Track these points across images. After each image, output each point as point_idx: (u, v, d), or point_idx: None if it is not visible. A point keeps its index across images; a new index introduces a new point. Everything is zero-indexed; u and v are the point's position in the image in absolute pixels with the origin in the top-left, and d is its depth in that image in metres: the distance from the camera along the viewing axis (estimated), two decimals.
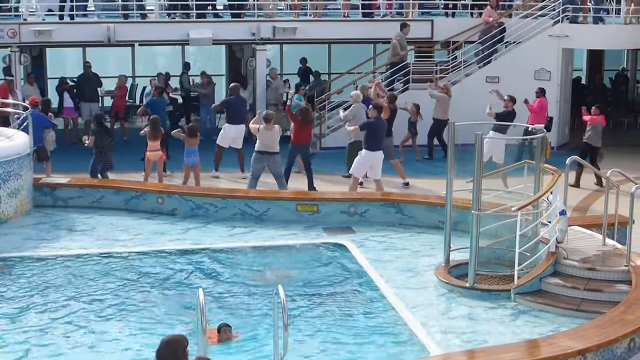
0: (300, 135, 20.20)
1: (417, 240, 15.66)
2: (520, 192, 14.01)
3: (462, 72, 26.07)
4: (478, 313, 12.42)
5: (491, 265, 13.66)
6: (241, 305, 12.78)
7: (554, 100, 24.94)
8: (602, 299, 12.54)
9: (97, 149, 19.45)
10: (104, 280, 13.69)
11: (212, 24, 25.73)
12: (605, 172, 14.45)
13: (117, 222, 16.64)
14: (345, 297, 13.15)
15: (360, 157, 19.26)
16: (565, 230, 13.67)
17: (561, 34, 25.19)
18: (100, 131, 19.70)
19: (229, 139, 21.89)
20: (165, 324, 12.06)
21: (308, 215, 16.74)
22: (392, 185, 20.50)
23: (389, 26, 26.55)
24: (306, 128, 20.26)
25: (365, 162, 19.22)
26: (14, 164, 16.68)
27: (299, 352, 11.06)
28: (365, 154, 19.20)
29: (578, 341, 10.28)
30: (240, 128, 21.90)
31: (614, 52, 31.58)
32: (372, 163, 19.20)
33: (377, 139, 19.20)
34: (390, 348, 11.47)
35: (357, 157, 19.34)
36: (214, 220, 16.74)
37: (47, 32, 24.23)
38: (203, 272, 14.23)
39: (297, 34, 25.70)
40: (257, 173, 19.34)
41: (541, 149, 13.41)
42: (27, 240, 15.54)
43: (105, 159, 19.53)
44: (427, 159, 23.85)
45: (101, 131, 19.73)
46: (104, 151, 19.49)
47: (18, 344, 11.46)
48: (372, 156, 19.14)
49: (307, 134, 20.36)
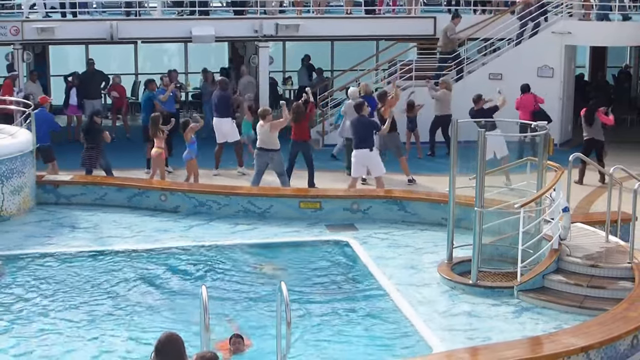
0: (297, 132, 20.17)
1: (420, 237, 15.65)
2: (523, 189, 14.00)
3: (465, 69, 26.05)
4: (481, 310, 12.41)
5: (494, 262, 13.65)
6: (243, 302, 12.79)
7: (556, 97, 24.94)
8: (605, 296, 12.53)
9: (92, 144, 19.36)
10: (106, 278, 13.69)
11: (214, 21, 25.73)
12: (608, 169, 14.42)
13: (120, 219, 16.65)
14: (347, 295, 13.15)
15: (352, 157, 19.38)
16: (568, 227, 13.66)
17: (564, 30, 25.15)
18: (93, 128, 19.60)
19: (221, 134, 21.99)
20: (168, 321, 12.08)
21: (311, 212, 16.74)
22: (396, 183, 20.47)
23: (392, 23, 26.55)
24: (301, 124, 20.14)
25: (355, 162, 19.28)
26: (17, 161, 16.68)
27: (301, 349, 11.06)
28: (353, 153, 19.34)
29: (581, 338, 10.27)
30: (226, 121, 22.01)
31: (617, 49, 31.54)
32: (362, 161, 19.20)
33: (357, 138, 19.22)
34: (393, 345, 11.47)
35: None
36: (217, 217, 16.74)
37: (50, 29, 24.25)
38: (205, 269, 14.24)
39: (299, 31, 25.70)
40: (259, 169, 19.35)
41: (544, 145, 13.40)
42: (30, 238, 15.55)
43: (96, 155, 19.47)
44: (429, 155, 23.84)
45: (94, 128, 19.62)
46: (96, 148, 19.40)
47: (21, 340, 11.48)
48: (357, 155, 19.19)
49: (303, 130, 20.26)
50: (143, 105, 23.12)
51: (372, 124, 19.43)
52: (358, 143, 19.18)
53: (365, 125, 19.26)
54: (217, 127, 22.11)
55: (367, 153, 19.11)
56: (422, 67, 25.88)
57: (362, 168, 19.38)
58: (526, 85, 23.19)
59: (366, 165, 19.29)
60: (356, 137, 19.25)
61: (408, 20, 26.88)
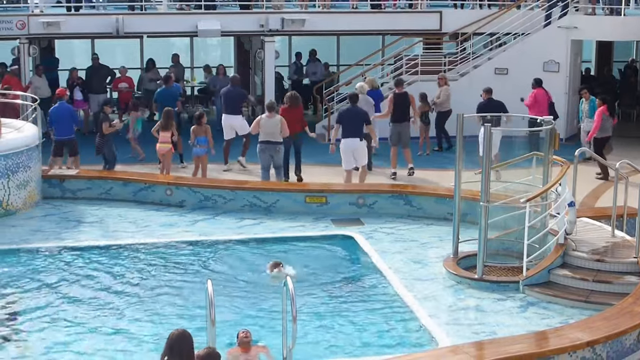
0: (290, 126, 19.91)
1: (425, 231, 15.66)
2: (529, 183, 13.99)
3: (471, 63, 26.02)
4: (487, 304, 12.42)
5: (500, 257, 13.66)
6: (249, 296, 12.80)
7: (562, 92, 24.87)
8: (611, 291, 12.53)
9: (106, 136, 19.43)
10: (112, 272, 13.72)
11: (220, 16, 25.71)
12: (614, 163, 14.41)
13: (125, 213, 16.67)
14: (353, 289, 13.16)
15: (340, 147, 19.32)
16: (574, 221, 13.65)
17: (570, 25, 25.10)
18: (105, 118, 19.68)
19: (230, 130, 21.88)
20: (173, 315, 12.10)
21: (316, 206, 16.75)
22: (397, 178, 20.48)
23: (398, 18, 26.52)
24: (294, 118, 19.92)
25: (344, 152, 19.20)
26: (23, 156, 16.71)
27: (306, 343, 11.07)
28: (342, 142, 19.25)
29: (587, 333, 10.27)
30: (236, 118, 21.91)
31: (623, 44, 31.47)
32: (350, 151, 19.13)
33: (347, 127, 19.13)
34: (398, 339, 11.48)
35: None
36: (223, 211, 16.75)
37: (56, 23, 24.24)
38: (211, 263, 14.25)
39: (305, 25, 25.65)
40: (265, 164, 19.25)
41: (550, 140, 13.39)
42: (36, 232, 15.58)
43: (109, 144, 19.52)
44: (436, 150, 23.82)
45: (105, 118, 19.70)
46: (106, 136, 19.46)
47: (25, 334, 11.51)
48: (344, 144, 19.12)
49: (296, 122, 20.07)
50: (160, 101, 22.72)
51: (363, 114, 19.38)
52: (345, 132, 19.15)
53: (358, 114, 19.24)
54: (226, 124, 21.96)
55: (357, 142, 19.07)
56: (428, 62, 25.85)
57: (351, 159, 19.25)
58: (539, 79, 23.10)
59: (353, 153, 19.17)
60: (345, 126, 19.21)
61: (414, 15, 26.82)
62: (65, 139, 19.31)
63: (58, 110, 19.41)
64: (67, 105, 19.89)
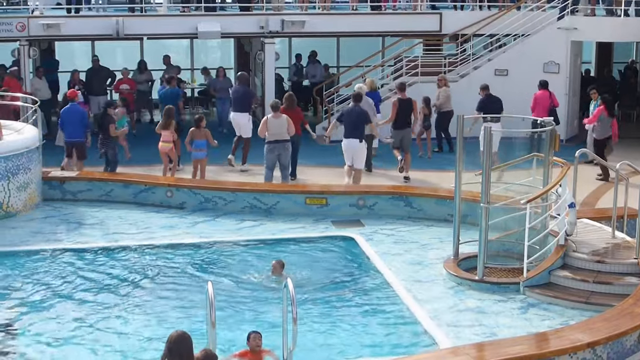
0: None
1: (426, 233, 15.66)
2: (529, 185, 13.99)
3: (471, 64, 26.03)
4: (487, 306, 12.41)
5: (500, 258, 13.66)
6: (249, 297, 12.79)
7: (562, 93, 24.86)
8: (612, 292, 12.53)
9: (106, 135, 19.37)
10: (112, 274, 13.72)
11: (220, 17, 25.72)
12: (615, 164, 14.41)
13: (126, 215, 16.68)
14: (353, 290, 13.16)
15: (342, 146, 19.36)
16: (574, 222, 13.65)
17: (570, 26, 25.10)
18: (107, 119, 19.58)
19: (237, 126, 21.89)
20: (173, 317, 12.09)
21: (317, 208, 16.75)
22: (393, 178, 20.46)
23: (398, 19, 26.52)
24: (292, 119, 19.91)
25: (344, 150, 19.23)
26: (23, 158, 16.71)
27: (306, 344, 11.07)
28: (343, 142, 19.29)
29: (587, 334, 10.27)
30: (243, 115, 21.89)
31: (623, 45, 31.47)
32: (350, 151, 19.16)
33: (348, 127, 19.17)
34: (398, 341, 11.48)
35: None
36: (223, 213, 16.76)
37: (56, 25, 24.23)
38: (211, 265, 14.25)
39: (305, 27, 25.65)
40: (271, 163, 19.24)
41: (550, 141, 13.39)
42: (36, 234, 15.58)
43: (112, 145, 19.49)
44: (436, 151, 23.81)
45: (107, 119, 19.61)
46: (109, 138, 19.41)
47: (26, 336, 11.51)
48: (345, 143, 19.16)
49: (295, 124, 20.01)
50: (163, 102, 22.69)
51: (365, 114, 19.39)
52: (349, 132, 19.17)
53: (359, 115, 19.26)
54: (235, 121, 22.01)
55: (357, 144, 19.09)
56: (428, 63, 25.85)
57: (348, 156, 19.26)
58: (545, 81, 23.10)
59: (353, 155, 19.19)
60: (346, 126, 19.22)
61: (414, 17, 26.82)
62: (74, 141, 19.19)
63: (69, 112, 19.27)
64: (78, 107, 19.66)
